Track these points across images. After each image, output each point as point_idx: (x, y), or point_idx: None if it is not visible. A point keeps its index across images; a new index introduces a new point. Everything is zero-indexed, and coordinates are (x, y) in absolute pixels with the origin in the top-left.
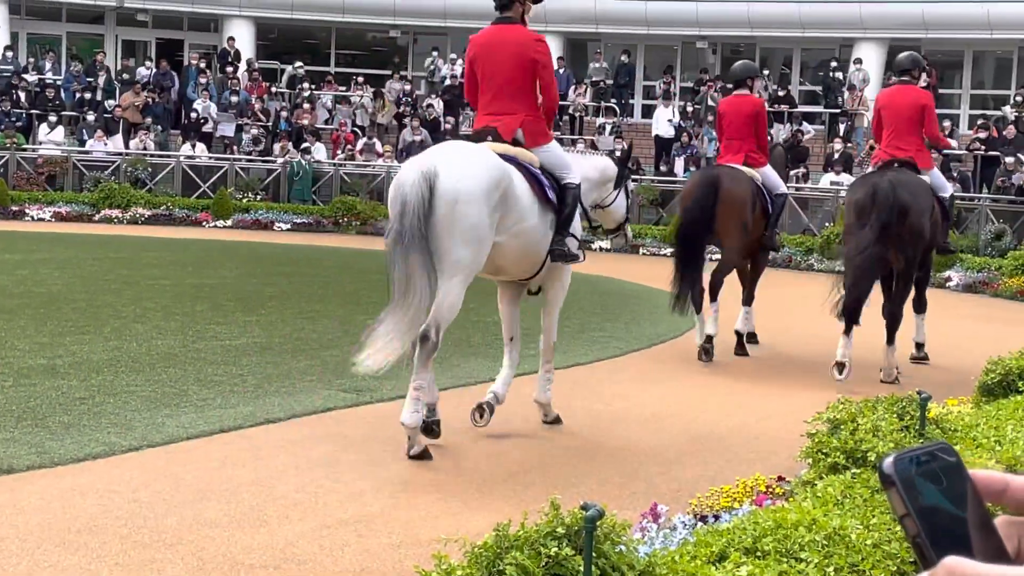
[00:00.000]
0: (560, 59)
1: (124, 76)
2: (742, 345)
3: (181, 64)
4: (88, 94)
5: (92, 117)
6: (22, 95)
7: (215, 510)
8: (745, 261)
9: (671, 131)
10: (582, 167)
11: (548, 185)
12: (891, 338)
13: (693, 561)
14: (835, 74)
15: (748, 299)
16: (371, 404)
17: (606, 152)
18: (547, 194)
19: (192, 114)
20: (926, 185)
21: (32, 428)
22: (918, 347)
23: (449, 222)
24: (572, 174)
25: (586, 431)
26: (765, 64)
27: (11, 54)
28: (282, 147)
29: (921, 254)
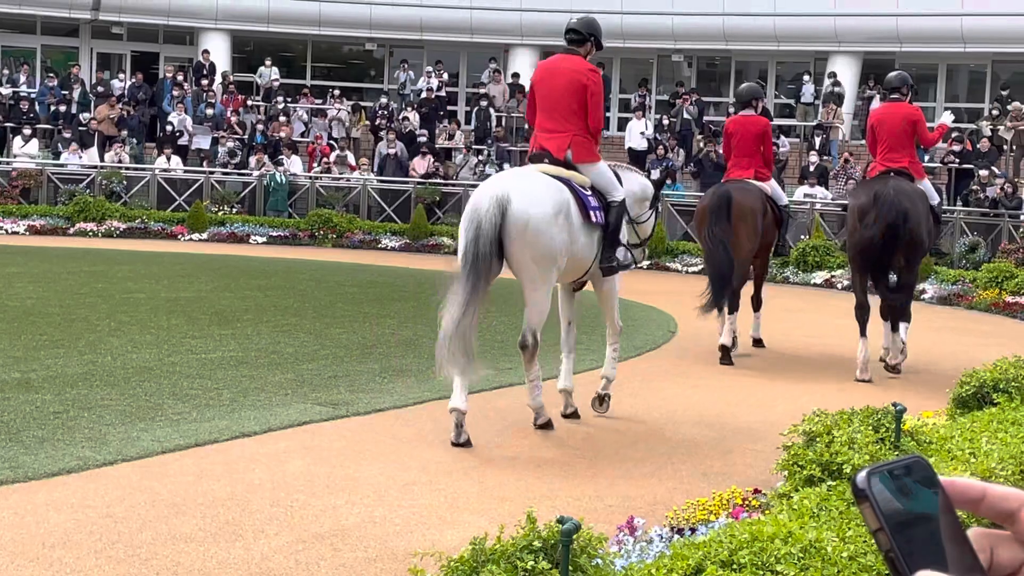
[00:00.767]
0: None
1: (99, 89)
2: (759, 343)
3: (156, 77)
4: (63, 107)
5: (68, 133)
6: None
7: (190, 525)
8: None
9: (644, 144)
10: (628, 181)
11: (595, 207)
12: (895, 326)
13: (670, 574)
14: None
15: (757, 304)
16: (347, 418)
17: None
18: (592, 216)
19: (167, 127)
20: (922, 192)
21: (6, 443)
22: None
23: (523, 243)
24: (618, 192)
25: (562, 445)
26: (740, 77)
27: None
28: (258, 160)
29: (918, 257)
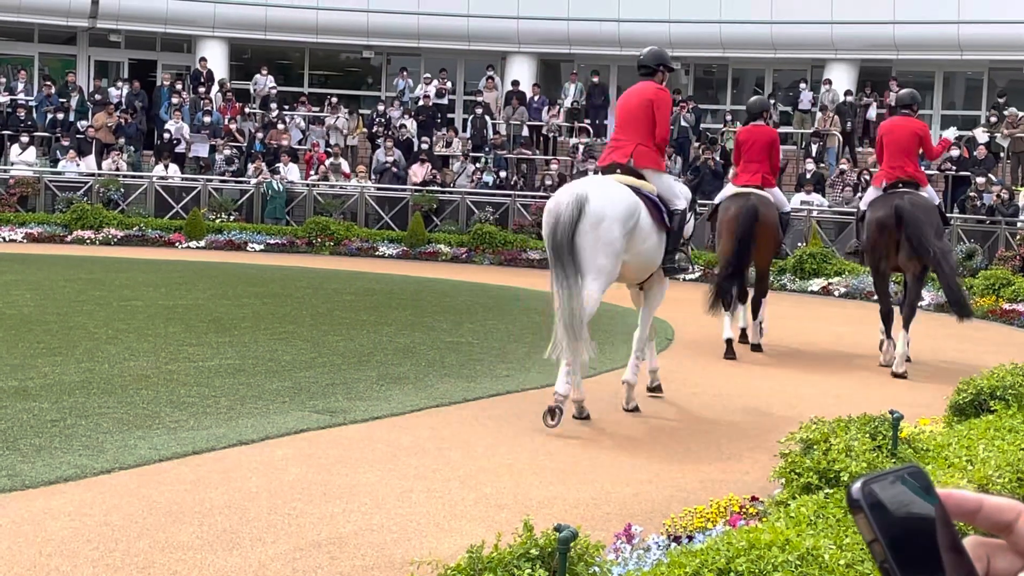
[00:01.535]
0: (535, 86)
1: (97, 96)
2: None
3: (154, 84)
4: (60, 115)
5: (65, 141)
6: None
7: (187, 533)
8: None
9: None
10: (684, 191)
11: (664, 210)
12: (906, 324)
13: None
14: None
15: (756, 309)
16: (344, 425)
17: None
18: (663, 218)
19: (165, 135)
20: (932, 205)
21: (3, 451)
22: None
23: (594, 237)
24: (680, 200)
25: (558, 452)
26: (737, 85)
27: None
28: (256, 167)
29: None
